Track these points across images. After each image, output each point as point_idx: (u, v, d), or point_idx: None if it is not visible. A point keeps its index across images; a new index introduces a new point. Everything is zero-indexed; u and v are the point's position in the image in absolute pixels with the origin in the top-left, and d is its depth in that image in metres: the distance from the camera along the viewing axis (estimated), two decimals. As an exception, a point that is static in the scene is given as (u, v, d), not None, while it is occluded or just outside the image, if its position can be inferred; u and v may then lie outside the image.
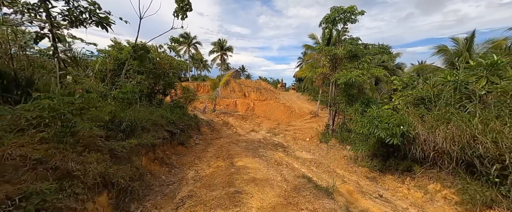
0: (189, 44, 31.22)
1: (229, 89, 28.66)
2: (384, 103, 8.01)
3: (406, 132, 4.36)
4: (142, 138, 4.36)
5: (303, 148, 9.18)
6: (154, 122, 5.86)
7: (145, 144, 4.26)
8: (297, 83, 38.40)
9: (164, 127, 6.10)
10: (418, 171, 4.51)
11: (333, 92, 9.26)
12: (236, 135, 11.23)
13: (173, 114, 7.59)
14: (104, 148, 3.06)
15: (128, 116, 4.24)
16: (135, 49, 6.14)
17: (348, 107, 8.28)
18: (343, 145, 8.27)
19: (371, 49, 8.37)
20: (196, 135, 8.99)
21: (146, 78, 8.75)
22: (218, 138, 9.79)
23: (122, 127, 3.89)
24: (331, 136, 9.29)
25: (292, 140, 11.02)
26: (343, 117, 9.05)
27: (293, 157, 7.49)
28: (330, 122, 9.67)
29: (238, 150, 7.76)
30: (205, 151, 7.19)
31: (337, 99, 8.75)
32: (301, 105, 25.89)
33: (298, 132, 13.91)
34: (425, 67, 15.48)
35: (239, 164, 5.64)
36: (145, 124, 5.12)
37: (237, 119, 16.21)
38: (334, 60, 8.39)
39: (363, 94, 8.93)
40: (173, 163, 5.11)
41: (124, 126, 3.94)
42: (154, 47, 9.55)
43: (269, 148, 8.86)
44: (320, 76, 20.30)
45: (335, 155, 7.60)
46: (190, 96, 9.85)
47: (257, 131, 13.29)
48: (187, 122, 8.32)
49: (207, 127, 11.86)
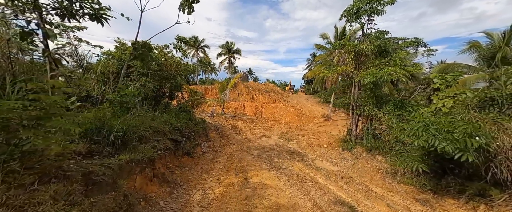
0: (197, 48, 30.84)
1: (237, 92, 27.86)
2: (416, 105, 6.75)
3: (485, 145, 3.18)
4: (138, 151, 3.46)
5: (323, 157, 8.01)
6: (156, 129, 4.99)
7: (140, 159, 3.35)
8: (306, 85, 37.06)
9: (167, 135, 5.21)
10: (498, 198, 3.31)
11: (356, 94, 8.07)
12: (247, 141, 10.23)
13: (179, 120, 6.72)
14: (75, 172, 2.15)
15: (119, 125, 3.36)
16: (136, 47, 5.37)
17: (376, 110, 7.07)
18: (372, 154, 7.04)
19: (402, 43, 7.16)
20: (204, 142, 8.07)
21: (151, 81, 8.00)
22: (228, 145, 8.83)
23: (111, 139, 3.00)
24: (354, 143, 8.06)
25: (308, 147, 9.87)
26: (369, 121, 7.82)
27: (314, 169, 6.37)
28: (353, 126, 8.45)
29: (251, 160, 6.74)
30: (214, 162, 6.23)
31: (362, 102, 7.55)
32: (311, 108, 24.60)
33: (312, 137, 12.73)
34: (450, 67, 13.87)
35: (255, 180, 4.62)
36: (144, 132, 4.25)
37: (247, 123, 15.24)
38: (359, 57, 7.25)
39: (389, 95, 7.68)
40: (176, 180, 4.17)
41: (113, 137, 3.05)
42: (160, 47, 8.83)
43: (284, 156, 7.78)
44: (338, 76, 19.00)
45: (364, 167, 6.40)
46: (198, 100, 9.00)
47: (268, 136, 12.23)
48: (194, 127, 7.43)
49: (216, 132, 10.96)
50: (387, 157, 5.96)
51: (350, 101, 8.36)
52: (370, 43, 7.01)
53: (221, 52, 31.14)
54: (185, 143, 5.96)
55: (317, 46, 18.89)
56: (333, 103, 19.41)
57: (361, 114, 7.92)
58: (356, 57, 7.21)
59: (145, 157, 3.49)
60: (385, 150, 6.73)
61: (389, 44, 7.02)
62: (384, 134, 6.59)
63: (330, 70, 8.32)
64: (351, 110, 8.42)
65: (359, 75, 7.07)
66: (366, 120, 8.21)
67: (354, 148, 7.78)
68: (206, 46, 31.77)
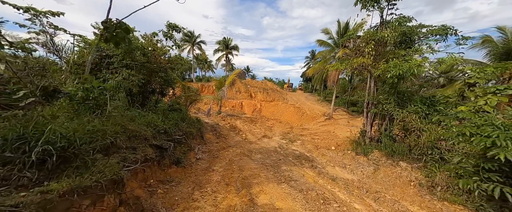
0: (193, 43, 29.21)
1: (234, 90, 26.64)
2: (446, 103, 5.72)
3: None
4: (93, 170, 2.24)
5: (335, 162, 6.93)
6: (134, 133, 3.75)
7: (94, 183, 2.13)
8: (304, 83, 36.06)
9: (149, 140, 3.98)
10: None
11: (372, 90, 6.99)
12: (247, 143, 9.05)
13: (167, 120, 5.46)
14: None
15: (61, 130, 2.12)
16: (107, 27, 4.08)
17: (397, 109, 6.00)
18: (393, 160, 5.97)
19: (428, 31, 6.10)
20: (198, 146, 6.84)
21: (136, 74, 6.70)
22: (226, 148, 7.63)
23: (33, 157, 1.76)
24: (370, 146, 7.00)
25: (315, 149, 8.78)
26: (387, 122, 6.76)
27: (329, 178, 5.26)
28: (367, 127, 7.38)
29: (254, 168, 5.58)
30: (210, 171, 5.03)
31: (380, 99, 6.47)
32: (311, 106, 23.63)
33: (317, 137, 11.67)
34: (459, 63, 13.01)
35: (263, 201, 3.47)
36: (113, 139, 3.03)
37: (246, 122, 14.05)
38: (379, 47, 6.14)
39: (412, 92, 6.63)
40: (156, 206, 2.96)
41: (39, 152, 1.81)
42: (148, 36, 7.49)
43: (291, 162, 6.66)
44: (339, 73, 17.94)
45: (388, 176, 5.34)
46: (192, 96, 7.76)
47: (269, 136, 11.09)
48: (186, 129, 6.18)
49: (212, 133, 9.73)
50: (416, 165, 4.89)
51: (364, 99, 7.26)
52: (393, 30, 5.90)
53: (218, 48, 29.63)
54: (174, 149, 4.73)
55: (319, 42, 17.78)
56: (330, 102, 18.48)
57: (378, 113, 6.84)
58: (376, 48, 6.09)
59: (105, 179, 2.27)
60: (410, 156, 5.69)
61: (415, 32, 5.93)
62: (411, 137, 5.51)
63: (343, 63, 7.19)
64: (366, 109, 7.33)
65: (379, 69, 5.96)
66: (382, 120, 7.15)
67: (370, 152, 6.71)
68: (203, 42, 30.19)
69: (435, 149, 4.57)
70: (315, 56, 31.49)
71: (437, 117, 5.22)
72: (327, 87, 27.40)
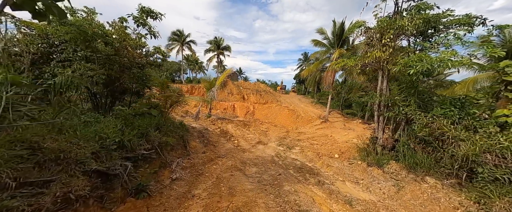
0: (183, 43, 27.36)
1: (226, 92, 25.17)
2: (478, 106, 4.72)
3: None
4: None
5: (344, 175, 5.73)
6: (57, 155, 2.30)
7: None
8: (297, 86, 35.25)
9: (87, 163, 2.52)
10: None
11: (385, 90, 5.90)
12: (239, 151, 7.66)
13: (130, 128, 3.97)
14: None
15: None
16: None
17: (418, 112, 4.92)
18: (416, 174, 4.85)
19: (452, 20, 5.12)
20: (178, 159, 5.35)
21: (96, 68, 5.16)
22: (214, 160, 6.20)
23: None
24: (383, 156, 5.87)
25: (317, 158, 7.57)
26: (404, 127, 5.68)
27: (344, 202, 4.02)
28: (379, 133, 6.27)
29: (248, 190, 4.22)
30: (188, 199, 3.60)
31: (396, 100, 5.38)
32: (305, 108, 22.65)
33: (315, 142, 10.51)
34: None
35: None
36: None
37: (238, 126, 12.65)
38: (396, 38, 5.07)
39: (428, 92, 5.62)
40: None
41: None
42: (115, 23, 5.95)
43: (293, 176, 5.37)
44: (335, 73, 17.03)
45: (418, 197, 4.19)
46: (172, 97, 6.28)
47: (265, 142, 9.76)
48: (160, 139, 4.70)
49: (199, 139, 8.25)
50: (447, 181, 3.77)
51: (375, 101, 6.15)
52: (415, 17, 4.84)
53: (210, 48, 27.98)
54: (135, 171, 3.27)
55: (314, 42, 16.86)
56: (324, 104, 17.60)
57: (392, 117, 5.74)
58: (394, 39, 5.00)
59: None
60: (437, 169, 4.59)
61: (439, 21, 4.90)
62: (448, 147, 4.41)
63: (351, 59, 6.06)
64: (377, 112, 6.22)
65: (399, 64, 4.85)
66: (396, 125, 6.07)
67: (386, 164, 5.57)
68: (193, 41, 28.41)
69: (480, 165, 3.48)
70: (308, 58, 30.81)
71: (472, 122, 4.15)
72: (320, 89, 26.64)
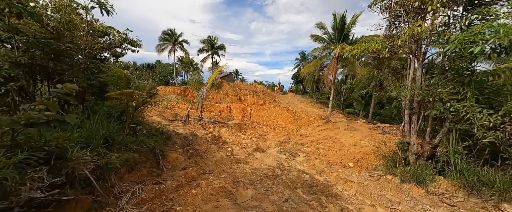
0: (175, 43, 25.58)
1: (222, 93, 23.56)
2: None
3: None
4: None
5: (371, 197, 4.17)
6: None
7: None
8: (295, 85, 33.86)
9: None
10: None
11: (420, 81, 4.40)
12: (233, 163, 6.05)
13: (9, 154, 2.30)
14: None
15: None
16: None
17: (478, 109, 3.44)
18: (485, 199, 3.34)
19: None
20: (140, 184, 3.70)
21: (21, 55, 3.52)
22: (196, 179, 4.55)
23: None
24: (420, 168, 4.33)
25: (327, 168, 6.02)
26: (446, 131, 4.18)
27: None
28: (411, 138, 4.75)
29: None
30: None
31: (441, 93, 3.89)
32: (305, 109, 21.20)
33: (320, 147, 8.99)
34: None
35: None
36: None
37: (233, 130, 11.02)
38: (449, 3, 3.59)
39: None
40: None
41: None
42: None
43: (303, 201, 3.77)
44: (334, 70, 15.59)
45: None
46: (137, 97, 4.64)
47: (264, 149, 8.15)
48: (100, 160, 3.04)
49: (183, 149, 6.61)
50: None
51: (405, 95, 4.64)
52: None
53: (203, 48, 26.28)
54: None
55: (314, 37, 15.48)
56: (323, 104, 16.18)
57: (435, 116, 4.21)
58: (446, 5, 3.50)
59: None
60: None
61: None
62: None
63: (374, 41, 4.54)
64: (408, 109, 4.72)
65: (454, 42, 3.34)
66: (438, 127, 4.56)
67: (429, 181, 4.03)
68: (185, 41, 26.63)
69: None
70: (305, 57, 29.49)
71: None
72: (319, 89, 25.27)
